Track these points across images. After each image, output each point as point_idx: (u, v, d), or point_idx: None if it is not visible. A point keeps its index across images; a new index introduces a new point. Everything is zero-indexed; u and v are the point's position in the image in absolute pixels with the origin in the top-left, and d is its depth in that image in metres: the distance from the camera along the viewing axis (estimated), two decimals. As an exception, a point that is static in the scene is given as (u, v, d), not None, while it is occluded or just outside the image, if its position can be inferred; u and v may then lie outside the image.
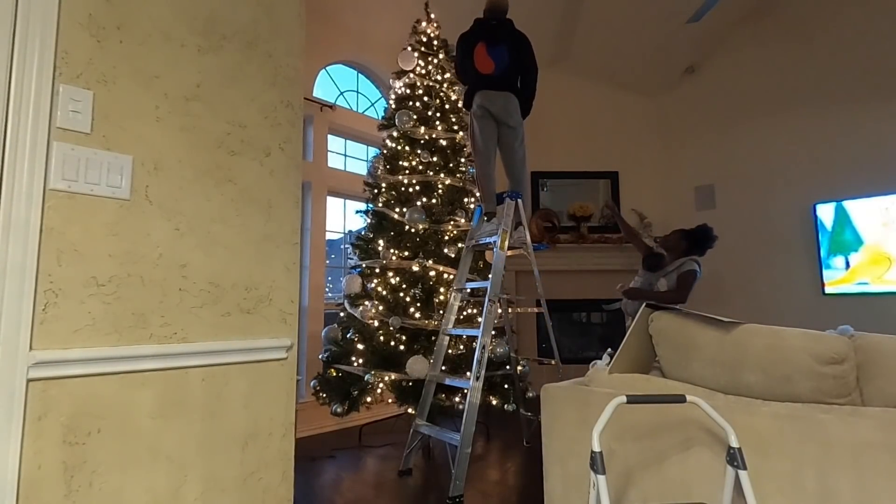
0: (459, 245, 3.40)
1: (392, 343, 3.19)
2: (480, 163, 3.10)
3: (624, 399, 1.20)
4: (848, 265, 4.36)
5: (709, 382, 1.48)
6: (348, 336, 3.32)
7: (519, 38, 3.10)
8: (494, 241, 2.86)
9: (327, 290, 4.43)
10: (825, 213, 4.50)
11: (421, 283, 3.33)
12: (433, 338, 3.13)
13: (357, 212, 3.69)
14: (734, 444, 1.17)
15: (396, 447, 3.21)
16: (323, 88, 4.48)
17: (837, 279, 4.41)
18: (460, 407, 2.97)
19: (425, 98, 3.67)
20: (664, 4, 4.59)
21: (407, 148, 3.56)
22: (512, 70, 3.04)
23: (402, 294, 3.29)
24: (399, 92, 3.70)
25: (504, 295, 3.27)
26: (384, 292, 3.29)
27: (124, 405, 1.07)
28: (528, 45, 3.10)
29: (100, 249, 1.05)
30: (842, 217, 4.41)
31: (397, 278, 3.33)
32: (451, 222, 3.47)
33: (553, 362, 3.22)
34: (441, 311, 3.21)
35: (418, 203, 3.41)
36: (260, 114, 1.37)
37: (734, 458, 1.17)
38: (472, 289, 3.18)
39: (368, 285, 3.35)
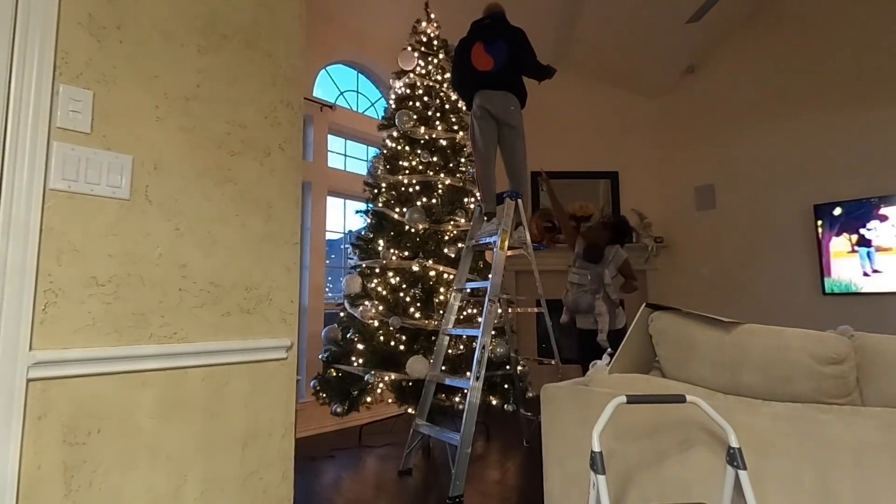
0: (459, 245, 3.40)
1: (392, 343, 3.19)
2: (480, 163, 3.10)
3: (624, 399, 1.20)
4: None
5: (709, 382, 1.48)
6: (348, 336, 3.32)
7: (515, 32, 3.09)
8: (494, 241, 2.86)
9: (327, 290, 4.43)
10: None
11: (421, 283, 3.33)
12: (433, 338, 3.13)
13: (357, 212, 3.69)
14: (734, 444, 1.17)
15: (396, 447, 3.21)
16: (323, 88, 4.48)
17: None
18: (460, 407, 2.97)
19: (425, 98, 3.67)
20: (664, 4, 4.59)
21: (407, 148, 3.56)
22: (511, 65, 3.03)
23: (402, 294, 3.29)
24: (399, 92, 3.70)
25: (504, 295, 3.27)
26: (384, 292, 3.29)
27: (124, 405, 1.07)
28: (524, 36, 3.10)
29: (100, 249, 1.05)
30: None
31: (397, 278, 3.33)
32: (451, 222, 3.47)
33: (553, 362, 3.22)
34: (441, 311, 3.21)
35: (418, 203, 3.41)
36: (260, 114, 1.37)
37: (734, 458, 1.17)
38: (472, 289, 3.18)
39: (368, 285, 3.35)
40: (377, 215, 3.50)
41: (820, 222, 4.53)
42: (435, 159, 3.57)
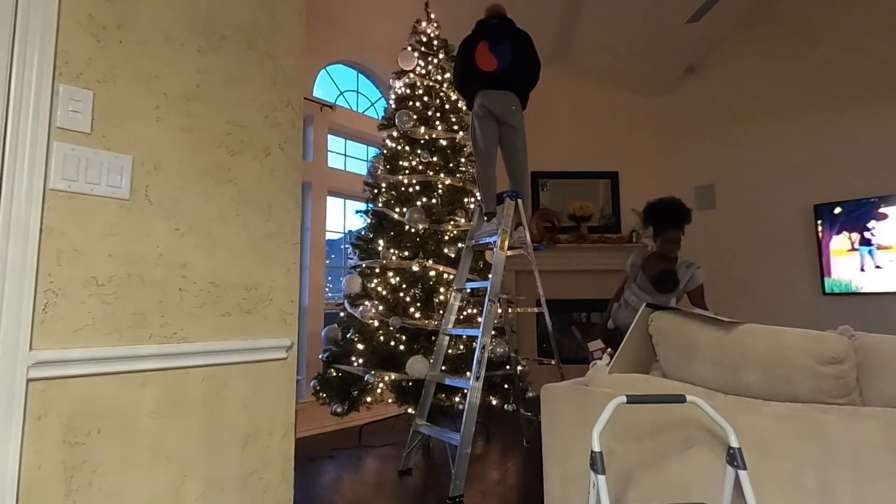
0: (459, 245, 3.39)
1: (392, 343, 3.19)
2: (481, 163, 3.09)
3: (624, 399, 1.20)
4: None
5: (709, 382, 1.48)
6: (348, 336, 3.32)
7: (521, 36, 3.09)
8: (494, 241, 2.86)
9: (327, 290, 4.43)
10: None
11: (421, 283, 3.33)
12: (433, 338, 3.13)
13: (357, 212, 3.69)
14: (734, 444, 1.17)
15: (396, 447, 3.21)
16: (323, 88, 4.48)
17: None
18: (460, 407, 2.97)
19: (425, 98, 3.67)
20: (664, 4, 4.59)
21: (407, 148, 3.56)
22: (514, 67, 3.03)
23: (402, 294, 3.29)
24: (399, 92, 3.70)
25: (504, 295, 3.27)
26: (384, 292, 3.29)
27: (124, 405, 1.07)
28: (529, 41, 3.10)
29: (100, 249, 1.05)
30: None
31: (397, 278, 3.33)
32: (451, 222, 3.47)
33: (553, 362, 3.22)
34: (441, 311, 3.21)
35: (418, 203, 3.41)
36: (260, 114, 1.37)
37: (734, 458, 1.17)
38: (472, 289, 3.18)
39: (368, 285, 3.35)
40: (377, 215, 3.50)
41: (820, 222, 4.53)
42: (435, 159, 3.57)
